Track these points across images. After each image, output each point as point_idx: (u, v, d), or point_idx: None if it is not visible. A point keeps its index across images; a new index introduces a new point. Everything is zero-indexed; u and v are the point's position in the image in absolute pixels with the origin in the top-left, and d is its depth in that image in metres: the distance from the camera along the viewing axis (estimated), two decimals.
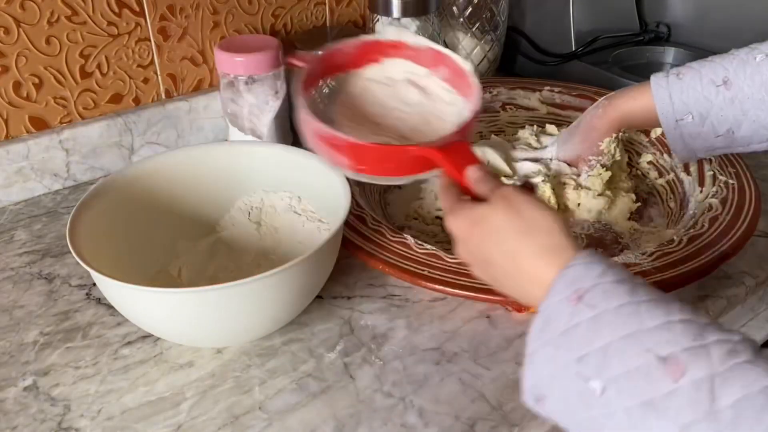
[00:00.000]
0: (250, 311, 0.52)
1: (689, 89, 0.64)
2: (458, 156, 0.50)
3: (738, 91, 0.62)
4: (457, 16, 0.95)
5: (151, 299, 0.50)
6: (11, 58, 0.72)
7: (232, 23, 0.85)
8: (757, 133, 0.62)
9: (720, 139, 0.64)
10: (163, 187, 0.64)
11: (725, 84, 0.62)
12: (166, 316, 0.52)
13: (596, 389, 0.35)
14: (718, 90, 0.62)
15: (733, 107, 0.62)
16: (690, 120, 0.64)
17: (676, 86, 0.64)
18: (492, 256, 0.45)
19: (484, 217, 0.45)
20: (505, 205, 0.44)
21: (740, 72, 0.62)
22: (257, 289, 0.50)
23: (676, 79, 0.65)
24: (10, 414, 0.51)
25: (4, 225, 0.73)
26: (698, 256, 0.59)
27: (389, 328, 0.59)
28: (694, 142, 0.65)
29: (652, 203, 0.75)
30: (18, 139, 0.75)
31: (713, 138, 0.64)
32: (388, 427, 0.50)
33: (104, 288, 0.53)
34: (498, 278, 0.46)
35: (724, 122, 0.63)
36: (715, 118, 0.63)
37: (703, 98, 0.63)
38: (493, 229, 0.44)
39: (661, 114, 0.65)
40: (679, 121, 0.65)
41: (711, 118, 0.63)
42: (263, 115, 0.80)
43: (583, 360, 0.36)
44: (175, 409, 0.51)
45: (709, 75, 0.63)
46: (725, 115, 0.62)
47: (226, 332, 0.54)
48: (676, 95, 0.64)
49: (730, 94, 0.62)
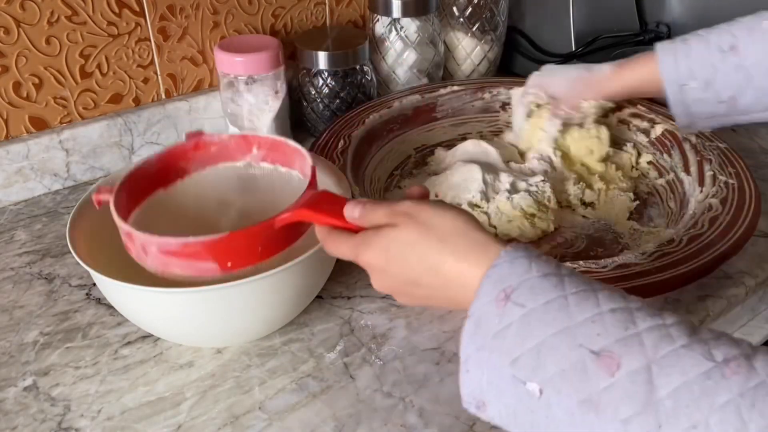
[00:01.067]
0: (250, 311, 0.52)
1: (695, 54, 0.64)
2: (327, 204, 0.47)
3: (744, 57, 0.61)
4: (457, 16, 0.95)
5: (150, 299, 0.50)
6: (11, 58, 0.72)
7: (232, 23, 0.85)
8: (759, 101, 0.62)
9: (723, 105, 0.64)
10: None
11: (732, 50, 0.62)
12: (165, 316, 0.52)
13: (534, 391, 0.34)
14: (724, 56, 0.62)
15: (738, 73, 0.62)
16: (694, 85, 0.64)
17: (682, 51, 0.64)
18: (416, 276, 0.42)
19: (395, 239, 0.42)
20: (410, 221, 0.42)
21: (747, 38, 0.61)
22: (257, 288, 0.50)
23: (683, 44, 0.65)
24: (10, 414, 0.51)
25: (4, 225, 0.73)
26: (698, 256, 0.59)
27: (389, 328, 0.59)
28: (696, 107, 0.65)
29: (652, 203, 0.75)
30: (18, 139, 0.75)
31: (716, 104, 0.64)
32: (388, 427, 0.50)
33: (104, 288, 0.53)
34: (429, 296, 0.43)
35: (728, 88, 0.63)
36: (720, 84, 0.63)
37: (709, 64, 0.63)
38: (408, 247, 0.41)
39: (665, 78, 0.65)
40: (684, 86, 0.64)
41: (716, 84, 0.63)
42: (263, 115, 0.80)
43: (517, 362, 0.35)
44: (175, 409, 0.51)
45: (715, 41, 0.63)
46: (730, 81, 0.62)
47: (226, 332, 0.54)
48: (682, 60, 0.64)
49: (736, 60, 0.62)
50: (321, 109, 0.86)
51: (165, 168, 0.58)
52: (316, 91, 0.85)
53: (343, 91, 0.85)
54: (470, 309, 0.38)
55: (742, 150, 0.78)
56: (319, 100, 0.85)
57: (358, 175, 0.74)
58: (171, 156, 0.58)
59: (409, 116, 0.85)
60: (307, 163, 0.53)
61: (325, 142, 0.76)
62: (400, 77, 0.92)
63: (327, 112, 0.86)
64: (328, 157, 0.72)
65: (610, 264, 0.58)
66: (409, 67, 0.91)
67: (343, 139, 0.77)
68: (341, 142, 0.76)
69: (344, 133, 0.78)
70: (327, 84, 0.84)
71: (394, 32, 0.89)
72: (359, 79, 0.86)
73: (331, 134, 0.78)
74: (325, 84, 0.84)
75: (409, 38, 0.89)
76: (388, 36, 0.90)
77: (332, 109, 0.86)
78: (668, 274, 0.57)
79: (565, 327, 0.34)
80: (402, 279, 0.43)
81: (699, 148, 0.74)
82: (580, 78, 0.74)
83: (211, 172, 0.60)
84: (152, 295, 0.50)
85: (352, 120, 0.81)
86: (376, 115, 0.82)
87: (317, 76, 0.84)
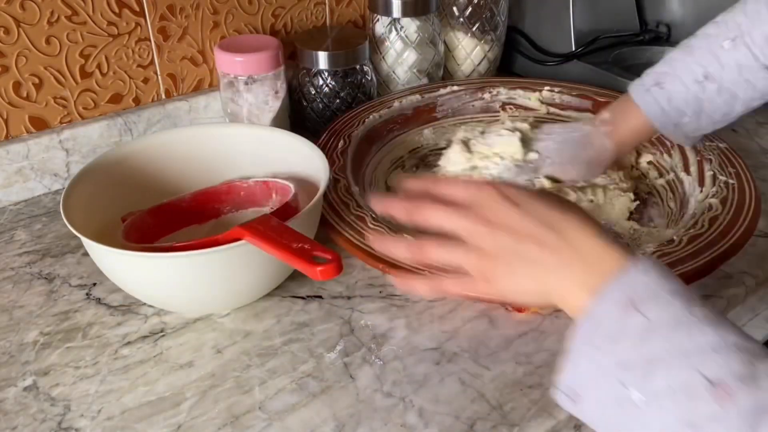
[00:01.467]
0: (238, 274, 0.55)
1: (676, 94, 0.65)
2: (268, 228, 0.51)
3: (721, 80, 0.63)
4: (457, 16, 0.95)
5: (140, 264, 0.53)
6: (11, 58, 0.72)
7: (232, 23, 0.85)
8: (750, 105, 0.65)
9: (719, 123, 0.67)
10: (157, 167, 0.67)
11: (707, 78, 0.63)
12: (155, 281, 0.54)
13: (636, 399, 0.35)
14: (702, 86, 0.64)
15: (722, 96, 0.64)
16: (687, 120, 0.66)
17: (663, 97, 0.66)
18: (540, 226, 0.41)
19: (517, 194, 0.43)
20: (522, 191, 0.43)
21: (715, 63, 0.63)
22: (245, 252, 0.52)
23: (659, 90, 0.66)
24: (10, 414, 0.51)
25: (4, 225, 0.73)
26: (698, 256, 0.59)
27: (389, 328, 0.59)
28: (695, 133, 0.68)
29: (652, 203, 0.75)
30: (18, 139, 0.75)
31: (712, 124, 0.67)
32: (388, 427, 0.50)
33: (95, 255, 0.56)
34: (539, 256, 0.42)
35: (718, 110, 0.65)
36: (710, 110, 0.65)
37: (692, 98, 0.65)
38: (534, 198, 0.42)
39: (660, 126, 0.67)
40: (677, 125, 0.67)
41: (706, 111, 0.65)
42: (263, 115, 0.80)
43: (627, 368, 0.36)
44: (175, 409, 0.51)
45: (688, 75, 0.64)
46: (717, 104, 0.64)
47: (216, 296, 0.57)
48: (666, 104, 0.66)
49: (715, 86, 0.63)
50: (321, 109, 0.86)
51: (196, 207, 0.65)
52: (316, 91, 0.85)
53: (343, 91, 0.85)
54: (590, 305, 0.38)
55: (742, 150, 0.78)
56: (319, 100, 0.85)
57: (358, 175, 0.74)
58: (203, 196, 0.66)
59: (409, 116, 0.85)
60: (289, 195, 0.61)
61: (325, 142, 0.76)
62: (400, 77, 0.92)
63: (327, 112, 0.86)
64: (328, 157, 0.72)
65: None
66: (409, 67, 0.91)
67: (343, 139, 0.77)
68: (341, 142, 0.76)
69: (344, 133, 0.78)
70: (327, 84, 0.84)
71: (394, 32, 0.89)
72: (359, 79, 0.86)
73: (331, 134, 0.78)
74: (325, 84, 0.85)
75: (409, 38, 0.89)
76: (388, 36, 0.90)
77: (332, 109, 0.86)
78: None
79: (684, 348, 0.35)
80: (520, 229, 0.42)
81: (699, 148, 0.74)
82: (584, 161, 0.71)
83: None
84: (141, 260, 0.52)
85: (352, 120, 0.81)
86: (376, 115, 0.82)
87: (317, 76, 0.84)
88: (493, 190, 0.44)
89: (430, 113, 0.87)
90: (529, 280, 0.43)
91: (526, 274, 0.43)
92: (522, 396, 0.52)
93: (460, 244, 0.45)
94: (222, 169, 0.69)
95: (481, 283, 0.45)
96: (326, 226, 0.64)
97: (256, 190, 0.66)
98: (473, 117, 0.88)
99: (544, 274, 0.42)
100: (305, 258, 0.48)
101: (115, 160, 0.64)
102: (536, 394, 0.52)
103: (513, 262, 0.43)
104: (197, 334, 0.58)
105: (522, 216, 0.43)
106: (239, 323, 0.59)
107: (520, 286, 0.44)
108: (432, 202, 0.46)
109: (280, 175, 0.67)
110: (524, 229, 0.42)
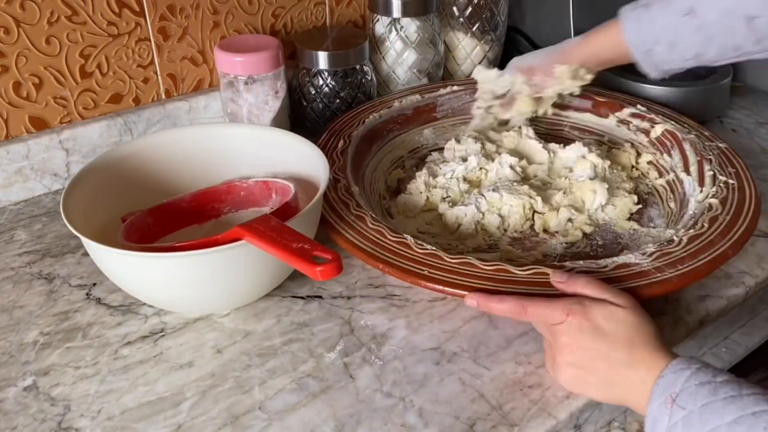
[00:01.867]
0: (238, 274, 0.55)
1: (657, 20, 0.66)
2: (268, 228, 0.51)
3: (703, 18, 0.64)
4: (457, 16, 0.95)
5: (140, 264, 0.53)
6: (11, 58, 0.72)
7: (232, 23, 0.85)
8: (723, 55, 0.65)
9: (689, 62, 0.68)
10: (157, 167, 0.67)
11: (691, 13, 0.64)
12: (155, 282, 0.54)
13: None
14: (684, 19, 0.64)
15: (699, 35, 0.64)
16: (660, 49, 0.67)
17: (645, 17, 0.67)
18: (611, 350, 0.50)
19: (614, 311, 0.51)
20: (630, 304, 0.52)
21: (704, 0, 0.63)
22: (245, 252, 0.52)
23: (645, 10, 0.68)
24: (10, 414, 0.51)
25: (4, 225, 0.73)
26: (698, 256, 0.59)
27: (389, 328, 0.59)
28: (664, 66, 0.69)
29: (652, 203, 0.75)
30: (18, 139, 0.75)
31: (683, 62, 0.68)
32: (388, 427, 0.50)
33: (96, 255, 0.55)
34: (604, 377, 0.50)
35: (692, 48, 0.66)
36: (684, 46, 0.66)
37: (671, 28, 0.66)
38: (624, 325, 0.51)
39: (631, 45, 0.69)
40: (649, 51, 0.68)
41: (680, 46, 0.66)
42: (263, 114, 0.80)
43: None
44: (175, 409, 0.51)
45: (676, 5, 0.65)
46: (692, 41, 0.65)
47: (216, 297, 0.57)
48: (645, 26, 0.67)
49: (696, 23, 0.64)
50: (321, 109, 0.86)
51: (196, 207, 0.65)
52: (316, 91, 0.85)
53: (343, 91, 0.85)
54: (647, 409, 0.47)
55: (742, 150, 0.78)
56: (319, 100, 0.85)
57: (358, 175, 0.74)
58: (202, 196, 0.66)
59: (409, 116, 0.85)
60: (289, 194, 0.61)
61: (325, 142, 0.76)
62: (400, 77, 0.92)
63: (327, 112, 0.86)
64: (329, 157, 0.72)
65: (610, 264, 0.58)
66: (409, 67, 0.91)
67: (343, 139, 0.77)
68: (341, 142, 0.76)
69: (344, 133, 0.78)
70: (327, 84, 0.84)
71: (394, 32, 0.89)
72: (359, 79, 0.86)
73: (331, 134, 0.78)
74: (325, 84, 0.85)
75: (409, 38, 0.89)
76: (388, 36, 0.90)
77: (332, 109, 0.86)
78: (668, 274, 0.57)
79: (715, 426, 0.42)
80: (598, 350, 0.50)
81: (699, 148, 0.74)
82: (552, 50, 0.77)
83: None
84: (141, 260, 0.52)
85: (352, 120, 0.81)
86: (376, 115, 0.82)
87: (317, 76, 0.84)
88: (584, 318, 0.51)
89: (430, 113, 0.87)
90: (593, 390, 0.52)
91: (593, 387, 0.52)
92: (522, 396, 0.52)
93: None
94: (222, 169, 0.69)
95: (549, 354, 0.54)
96: (326, 226, 0.64)
97: (256, 190, 0.66)
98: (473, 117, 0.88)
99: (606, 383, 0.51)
100: (305, 258, 0.48)
101: (115, 160, 0.64)
102: (536, 394, 0.52)
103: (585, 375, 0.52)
104: (197, 334, 0.58)
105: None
106: (239, 323, 0.59)
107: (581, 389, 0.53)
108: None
109: (280, 175, 0.67)
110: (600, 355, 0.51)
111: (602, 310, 0.51)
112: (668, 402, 0.45)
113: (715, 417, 0.43)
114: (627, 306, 0.51)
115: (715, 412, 0.43)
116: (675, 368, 0.47)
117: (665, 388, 0.46)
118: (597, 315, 0.51)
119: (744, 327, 0.77)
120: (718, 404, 0.43)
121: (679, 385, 0.46)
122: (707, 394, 0.44)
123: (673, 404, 0.45)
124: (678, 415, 0.44)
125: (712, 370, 0.46)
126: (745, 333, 0.78)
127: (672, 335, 0.58)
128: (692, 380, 0.45)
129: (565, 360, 0.51)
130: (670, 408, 0.45)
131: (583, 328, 0.50)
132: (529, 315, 0.53)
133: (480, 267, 0.57)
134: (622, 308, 0.51)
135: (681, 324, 0.59)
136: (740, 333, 0.78)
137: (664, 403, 0.45)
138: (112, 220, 0.61)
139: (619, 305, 0.51)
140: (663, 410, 0.45)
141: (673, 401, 0.45)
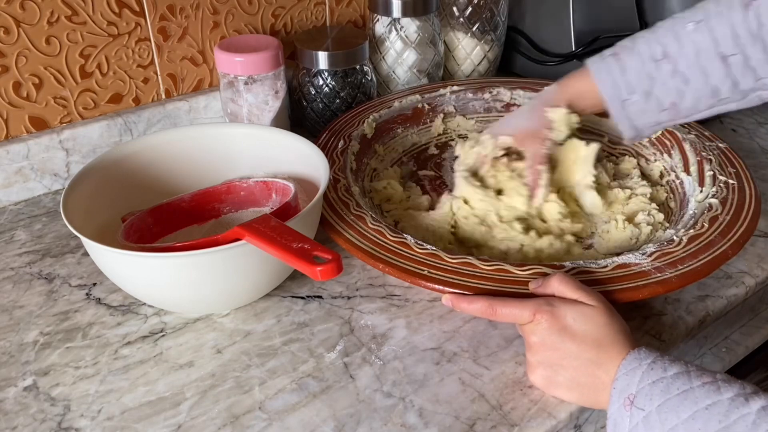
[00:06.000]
0: (239, 274, 0.55)
1: (630, 69, 0.65)
2: (268, 228, 0.51)
3: (677, 62, 0.62)
4: (457, 16, 0.95)
5: (142, 264, 0.53)
6: (11, 58, 0.72)
7: (232, 23, 0.85)
8: (699, 102, 0.63)
9: (665, 113, 0.65)
10: (157, 167, 0.67)
11: (665, 58, 0.63)
12: (156, 282, 0.54)
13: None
14: (658, 65, 0.63)
15: (674, 79, 0.63)
16: (636, 99, 0.65)
17: (617, 68, 0.65)
18: (584, 348, 0.50)
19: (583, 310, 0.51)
20: (600, 303, 0.52)
21: (675, 44, 0.62)
22: (246, 252, 0.52)
23: (615, 60, 0.66)
24: (10, 414, 0.51)
25: (4, 225, 0.73)
26: (698, 256, 0.59)
27: (389, 328, 0.59)
28: (640, 119, 0.66)
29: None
30: (18, 139, 0.75)
31: (659, 113, 0.65)
32: (388, 427, 0.50)
33: (96, 255, 0.55)
34: (575, 372, 0.51)
35: (668, 95, 0.64)
36: (659, 92, 0.64)
37: (645, 75, 0.64)
38: (592, 322, 0.51)
39: (606, 97, 0.66)
40: (625, 101, 0.66)
41: (655, 93, 0.64)
42: (263, 115, 0.80)
43: None
44: (175, 409, 0.51)
45: (646, 52, 0.64)
46: (668, 88, 0.63)
47: (216, 297, 0.57)
48: (618, 77, 0.65)
49: (670, 67, 0.63)
50: (321, 109, 0.86)
51: (196, 207, 0.65)
52: (316, 91, 0.85)
53: (343, 91, 0.85)
54: (608, 411, 0.47)
55: (742, 150, 0.78)
56: (319, 100, 0.85)
57: (358, 175, 0.74)
58: (202, 197, 0.65)
59: (409, 116, 0.85)
60: (289, 194, 0.61)
61: (325, 142, 0.76)
62: (400, 77, 0.92)
63: (327, 112, 0.86)
64: (329, 157, 0.72)
65: (610, 264, 0.58)
66: (409, 67, 0.91)
67: (343, 139, 0.77)
68: (341, 142, 0.76)
69: (344, 133, 0.78)
70: (327, 84, 0.84)
71: (394, 32, 0.89)
72: (359, 79, 0.86)
73: (331, 134, 0.78)
74: (325, 84, 0.85)
75: (409, 38, 0.89)
76: (388, 36, 0.90)
77: (332, 109, 0.86)
78: (668, 274, 0.57)
79: (674, 425, 0.43)
80: (572, 347, 0.50)
81: (699, 148, 0.74)
82: (530, 106, 0.73)
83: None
84: (141, 260, 0.52)
85: (352, 120, 0.81)
86: (376, 115, 0.82)
87: (317, 76, 0.84)
88: (552, 317, 0.51)
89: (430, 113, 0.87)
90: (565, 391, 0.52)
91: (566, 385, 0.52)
92: (522, 396, 0.52)
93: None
94: (222, 169, 0.69)
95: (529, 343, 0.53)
96: (326, 226, 0.64)
97: (256, 190, 0.66)
98: (473, 117, 0.88)
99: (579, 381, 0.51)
100: (305, 258, 0.48)
101: (115, 160, 0.64)
102: (536, 394, 0.52)
103: (557, 372, 0.52)
104: (197, 334, 0.58)
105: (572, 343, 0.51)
106: (239, 323, 0.59)
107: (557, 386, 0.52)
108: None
109: (280, 175, 0.67)
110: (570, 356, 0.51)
111: (571, 310, 0.51)
112: (627, 404, 0.45)
113: (672, 415, 0.43)
114: (597, 306, 0.51)
115: (672, 410, 0.43)
116: (627, 368, 0.47)
117: (621, 391, 0.46)
118: (566, 315, 0.50)
119: (744, 327, 0.77)
120: (673, 402, 0.43)
121: (634, 386, 0.46)
122: (661, 393, 0.44)
123: (631, 406, 0.45)
124: (638, 416, 0.44)
125: (661, 364, 0.46)
126: (745, 333, 0.78)
127: (672, 335, 0.58)
128: (645, 379, 0.45)
129: (536, 359, 0.52)
130: (630, 410, 0.45)
131: (551, 328, 0.50)
132: (499, 315, 0.53)
133: (480, 267, 0.57)
134: (593, 308, 0.51)
135: (681, 324, 0.59)
136: (740, 333, 0.78)
137: (623, 405, 0.46)
138: (112, 220, 0.61)
139: (589, 305, 0.51)
140: (623, 412, 0.45)
141: (631, 403, 0.45)
